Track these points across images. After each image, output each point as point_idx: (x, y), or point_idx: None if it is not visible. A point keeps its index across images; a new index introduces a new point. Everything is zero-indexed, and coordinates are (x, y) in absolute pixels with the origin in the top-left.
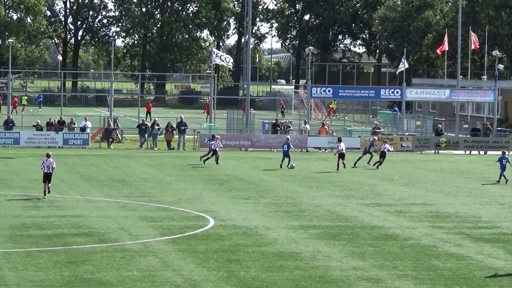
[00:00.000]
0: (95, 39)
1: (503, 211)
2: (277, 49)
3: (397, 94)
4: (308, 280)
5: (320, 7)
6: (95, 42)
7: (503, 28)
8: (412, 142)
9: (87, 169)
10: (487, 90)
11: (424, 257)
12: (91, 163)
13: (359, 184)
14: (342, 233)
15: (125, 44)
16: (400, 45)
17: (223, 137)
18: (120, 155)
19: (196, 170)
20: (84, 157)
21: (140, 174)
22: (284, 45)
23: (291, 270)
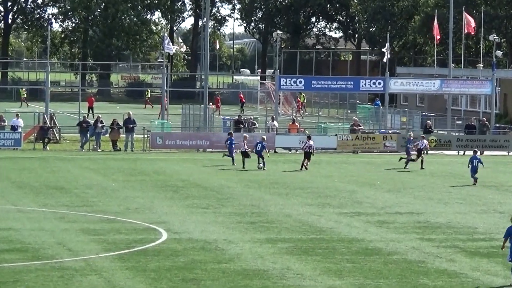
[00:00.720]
0: (28, 22)
1: (502, 221)
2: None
3: (379, 86)
4: None
5: None
6: (28, 26)
7: (501, 9)
8: (397, 141)
9: (19, 174)
10: (484, 81)
11: (411, 275)
12: (23, 168)
13: (335, 190)
14: (316, 247)
15: (63, 29)
16: (383, 28)
17: (178, 136)
18: (57, 157)
19: (147, 175)
20: (16, 160)
21: (81, 180)
22: (248, 29)
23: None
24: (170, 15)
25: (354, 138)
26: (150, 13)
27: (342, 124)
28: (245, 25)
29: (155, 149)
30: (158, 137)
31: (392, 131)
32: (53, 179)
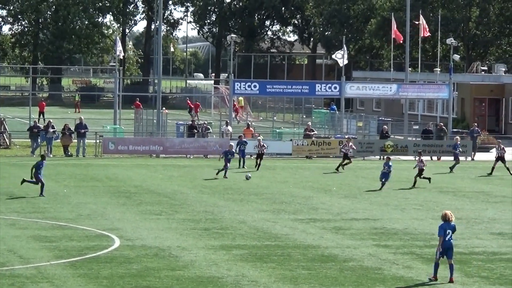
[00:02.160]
0: None
1: (459, 227)
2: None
3: (335, 90)
4: None
5: None
6: None
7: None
8: None
9: None
10: (441, 85)
11: (367, 282)
12: None
13: (290, 196)
14: (271, 254)
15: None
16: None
17: (130, 142)
18: (8, 163)
19: (99, 180)
20: None
21: (32, 186)
22: (201, 32)
23: None
24: (122, 18)
25: (309, 144)
26: (102, 16)
27: (297, 129)
28: (199, 29)
29: (108, 155)
30: (110, 142)
31: (348, 136)
32: (4, 185)
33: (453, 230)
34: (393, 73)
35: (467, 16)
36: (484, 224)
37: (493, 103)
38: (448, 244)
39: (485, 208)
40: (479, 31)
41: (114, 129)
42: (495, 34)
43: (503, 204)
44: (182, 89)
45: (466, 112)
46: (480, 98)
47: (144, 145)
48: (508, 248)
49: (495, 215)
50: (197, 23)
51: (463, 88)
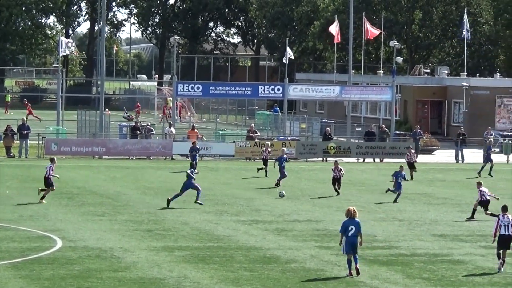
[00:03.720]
0: None
1: (401, 229)
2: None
3: (278, 92)
4: None
5: None
6: None
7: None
8: (296, 148)
9: None
10: (384, 87)
11: (309, 284)
12: None
13: (233, 197)
14: (213, 255)
15: None
16: (282, 34)
17: (73, 143)
18: None
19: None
20: None
21: None
22: (145, 34)
23: None
24: (65, 19)
25: (252, 145)
26: (45, 17)
27: (240, 131)
28: (142, 30)
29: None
30: (53, 143)
31: (291, 138)
32: None
33: (357, 226)
34: (336, 75)
35: (411, 18)
36: (426, 226)
37: (436, 106)
38: (352, 240)
39: (427, 210)
40: (422, 33)
41: (57, 130)
42: (438, 37)
43: (445, 206)
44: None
45: (409, 114)
46: (422, 101)
47: (87, 146)
48: (449, 249)
49: (437, 217)
50: (140, 24)
51: (406, 90)
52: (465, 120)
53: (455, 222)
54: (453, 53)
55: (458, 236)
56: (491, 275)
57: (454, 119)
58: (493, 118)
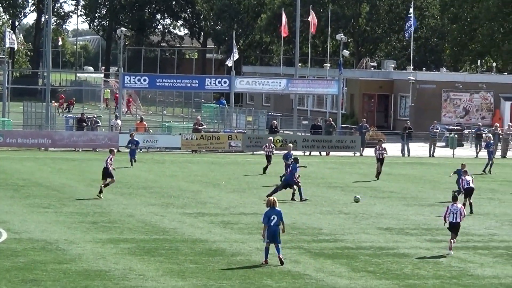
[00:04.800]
0: None
1: (347, 222)
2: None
3: (224, 85)
4: None
5: None
6: None
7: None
8: (242, 141)
9: None
10: (330, 81)
11: (254, 276)
12: None
13: (179, 190)
14: (159, 247)
15: None
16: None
17: (19, 134)
18: None
19: None
20: None
21: None
22: (92, 26)
23: None
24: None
25: (198, 138)
26: None
27: (186, 124)
28: (89, 22)
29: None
30: None
31: (237, 130)
32: None
33: (279, 215)
34: (283, 68)
35: (358, 12)
36: (371, 219)
37: (382, 99)
38: (274, 230)
39: (373, 204)
40: (369, 27)
41: (2, 122)
42: (385, 31)
43: (391, 200)
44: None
45: (355, 107)
46: (369, 94)
47: (32, 138)
48: (394, 243)
49: (383, 210)
50: (87, 16)
51: (353, 84)
52: (411, 114)
53: (400, 216)
54: (400, 47)
55: (404, 229)
56: (436, 268)
57: (400, 113)
58: (439, 112)
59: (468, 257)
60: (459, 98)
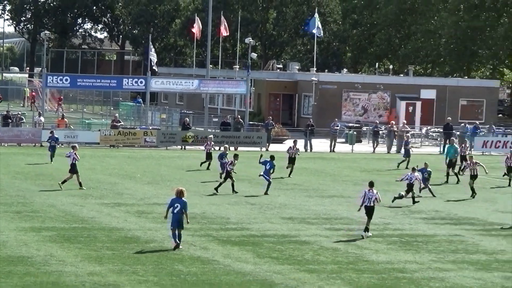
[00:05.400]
0: None
1: (253, 212)
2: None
3: (141, 85)
4: (40, 286)
5: None
6: None
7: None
8: (156, 137)
9: None
10: (239, 81)
11: (166, 262)
12: None
13: (97, 182)
14: (78, 235)
15: None
16: (145, 31)
17: None
18: None
19: None
20: None
21: None
22: (18, 29)
23: (20, 276)
24: None
25: (116, 134)
26: None
27: (105, 120)
28: (15, 25)
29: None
30: None
31: (152, 127)
32: None
33: (182, 204)
34: (195, 70)
35: (265, 17)
36: (275, 210)
37: (287, 98)
38: (177, 217)
39: (277, 195)
40: (276, 31)
41: None
42: (290, 35)
43: (294, 191)
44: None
45: (262, 106)
46: (275, 94)
47: None
48: (296, 231)
49: (286, 201)
50: (13, 20)
51: (260, 84)
52: (313, 112)
53: (302, 206)
54: (304, 50)
55: (305, 219)
56: (335, 254)
57: (303, 111)
58: (340, 110)
59: (364, 244)
60: (358, 97)
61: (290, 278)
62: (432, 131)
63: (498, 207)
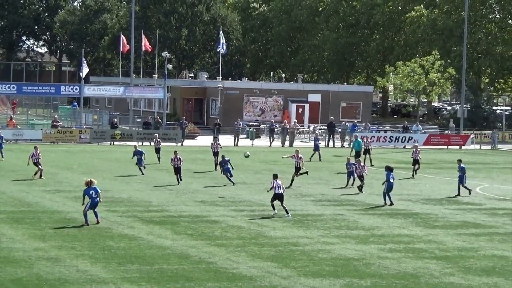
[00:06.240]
0: None
1: (171, 196)
2: None
3: (76, 91)
4: None
5: (5, 10)
6: None
7: (171, 31)
8: (89, 134)
9: None
10: (158, 88)
11: (99, 238)
12: None
13: None
14: (25, 217)
15: None
16: (79, 46)
17: None
18: None
19: None
20: None
21: None
22: None
23: None
24: None
25: (55, 132)
26: None
27: (46, 121)
28: None
29: None
30: None
31: (86, 126)
32: None
33: (95, 190)
34: (121, 78)
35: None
36: (190, 194)
37: (198, 102)
38: (95, 201)
39: (190, 182)
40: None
41: None
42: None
43: (204, 179)
44: None
45: (177, 108)
46: (188, 98)
47: None
48: (207, 212)
49: (198, 187)
50: None
51: (175, 90)
52: (220, 113)
53: (212, 191)
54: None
55: (214, 202)
56: (239, 231)
57: (212, 112)
58: (242, 111)
59: (264, 223)
60: (256, 101)
61: (202, 251)
62: (318, 128)
63: (374, 191)
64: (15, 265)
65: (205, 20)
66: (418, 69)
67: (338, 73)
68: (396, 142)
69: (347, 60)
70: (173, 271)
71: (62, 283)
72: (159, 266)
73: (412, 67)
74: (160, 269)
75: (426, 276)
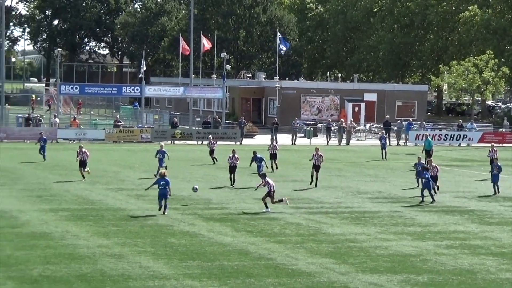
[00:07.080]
0: None
1: (230, 194)
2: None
3: (137, 91)
4: (58, 257)
5: (68, 13)
6: None
7: (229, 33)
8: (151, 134)
9: None
10: (217, 88)
11: (161, 235)
12: None
13: (103, 171)
14: (88, 215)
15: None
16: (140, 47)
17: None
18: None
19: None
20: None
21: None
22: (36, 47)
23: (42, 248)
24: None
25: (118, 131)
26: None
27: (108, 121)
28: (33, 44)
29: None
30: None
31: (147, 126)
32: None
33: (166, 182)
34: (180, 79)
35: (237, 36)
36: (249, 192)
37: (256, 101)
38: (163, 192)
39: (250, 180)
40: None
41: None
42: (257, 50)
43: None
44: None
45: (236, 108)
46: (246, 98)
47: None
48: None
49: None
50: (32, 40)
51: (233, 90)
52: (277, 113)
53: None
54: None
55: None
56: (298, 228)
57: (269, 112)
58: (299, 111)
59: (321, 219)
60: (313, 100)
61: (262, 248)
62: (374, 127)
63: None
64: (79, 261)
65: (262, 22)
66: (472, 68)
67: (393, 73)
68: (451, 140)
69: (402, 59)
70: (234, 267)
71: (125, 279)
72: (219, 263)
73: (466, 66)
74: (221, 265)
75: (482, 272)
